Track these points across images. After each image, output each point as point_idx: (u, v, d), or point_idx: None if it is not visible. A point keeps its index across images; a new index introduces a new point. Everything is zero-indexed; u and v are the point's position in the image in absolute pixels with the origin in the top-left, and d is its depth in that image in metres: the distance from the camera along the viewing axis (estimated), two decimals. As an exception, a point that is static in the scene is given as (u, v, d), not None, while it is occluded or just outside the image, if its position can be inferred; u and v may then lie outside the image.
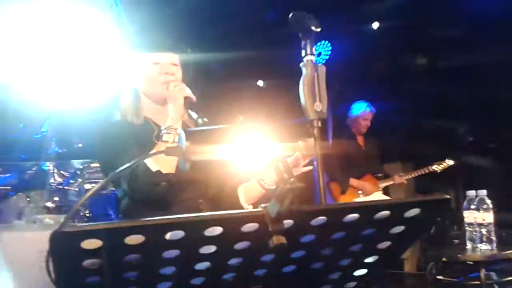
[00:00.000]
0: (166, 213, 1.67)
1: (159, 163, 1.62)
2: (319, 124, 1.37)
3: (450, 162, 4.80)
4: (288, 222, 0.84)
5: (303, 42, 1.46)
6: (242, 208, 1.80)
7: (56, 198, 4.06)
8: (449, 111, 5.86)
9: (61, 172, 4.91)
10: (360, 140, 4.80)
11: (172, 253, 0.82)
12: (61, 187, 4.54)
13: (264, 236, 0.85)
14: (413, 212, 0.91)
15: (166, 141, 1.62)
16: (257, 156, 0.80)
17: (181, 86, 1.74)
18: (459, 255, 2.70)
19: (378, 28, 5.96)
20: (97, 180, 4.89)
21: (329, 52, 6.12)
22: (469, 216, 2.74)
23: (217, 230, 0.81)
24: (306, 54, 1.45)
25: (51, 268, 0.76)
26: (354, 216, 0.88)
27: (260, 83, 6.35)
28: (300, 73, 1.43)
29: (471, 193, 2.79)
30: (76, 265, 0.77)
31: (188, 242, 0.80)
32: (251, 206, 1.83)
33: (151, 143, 1.67)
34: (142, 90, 1.84)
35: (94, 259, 0.77)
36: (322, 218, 0.86)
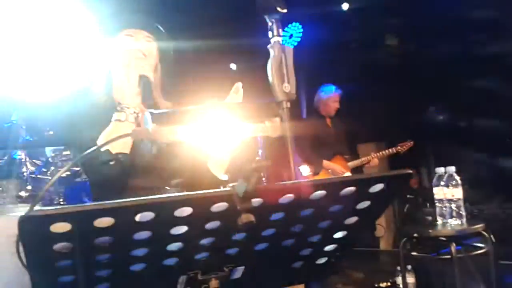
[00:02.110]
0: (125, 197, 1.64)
1: (110, 144, 1.52)
2: (288, 105, 1.39)
3: (410, 143, 4.94)
4: (256, 201, 0.86)
5: (269, 24, 1.46)
6: (221, 181, 1.79)
7: (29, 187, 4.02)
8: (419, 90, 5.95)
9: (33, 160, 4.84)
10: (329, 122, 4.88)
11: (143, 234, 0.83)
12: (33, 176, 4.49)
13: (233, 215, 0.87)
14: (378, 187, 0.94)
15: (118, 120, 1.59)
16: (225, 136, 0.82)
17: (139, 62, 1.69)
18: (430, 231, 2.78)
19: (348, 9, 5.98)
20: (70, 168, 4.83)
21: (301, 34, 6.13)
22: (439, 192, 2.82)
23: (187, 210, 0.82)
24: (273, 36, 1.46)
25: (22, 253, 0.76)
26: (320, 193, 0.90)
27: (233, 66, 6.33)
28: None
29: (440, 169, 2.86)
30: (47, 249, 0.77)
31: (158, 223, 0.81)
32: (227, 176, 1.82)
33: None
34: (114, 66, 1.78)
35: (65, 243, 0.78)
36: (289, 196, 0.88)
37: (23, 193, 3.90)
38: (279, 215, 0.92)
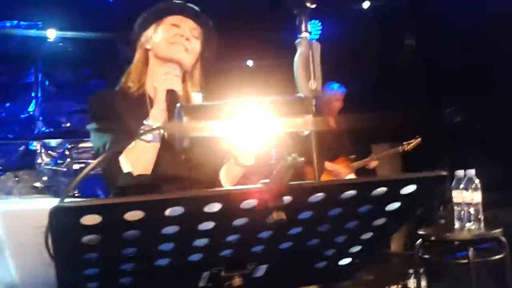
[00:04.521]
0: None
1: (132, 162, 1.54)
2: (313, 102, 1.37)
3: (418, 140, 4.81)
4: (286, 199, 0.84)
5: (297, 19, 1.44)
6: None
7: (44, 178, 4.05)
8: (437, 92, 5.89)
9: (49, 152, 4.88)
10: (332, 121, 4.77)
11: (171, 229, 0.82)
12: (49, 167, 4.53)
13: (262, 212, 0.86)
14: (410, 188, 0.92)
15: (144, 140, 1.56)
16: (258, 131, 0.80)
17: (169, 76, 1.62)
18: (448, 234, 2.74)
19: (369, 7, 5.93)
20: (85, 161, 4.87)
21: (319, 32, 6.09)
22: (457, 195, 2.78)
23: (217, 206, 0.81)
24: (300, 31, 1.43)
25: (50, 244, 0.75)
26: (351, 192, 0.88)
27: (250, 63, 6.31)
28: (291, 52, 1.42)
29: (460, 172, 2.82)
30: (75, 241, 0.76)
31: (187, 218, 0.80)
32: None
33: (142, 121, 1.59)
34: (152, 51, 1.75)
35: (93, 235, 0.77)
36: (320, 195, 0.87)
37: (38, 184, 3.93)
38: (307, 214, 0.91)
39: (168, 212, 0.78)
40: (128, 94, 1.73)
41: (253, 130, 0.79)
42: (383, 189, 0.90)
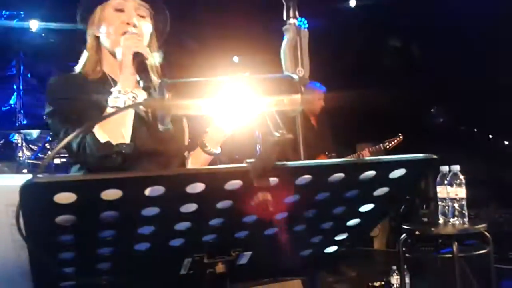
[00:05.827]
0: None
1: (109, 132, 1.47)
2: (303, 84, 1.34)
3: (399, 138, 4.82)
4: (272, 180, 0.81)
5: (285, 5, 1.41)
6: None
7: (24, 171, 3.97)
8: (422, 91, 5.92)
9: (29, 145, 4.79)
10: (314, 120, 4.75)
11: (152, 210, 0.78)
12: (30, 160, 4.44)
13: (248, 195, 0.82)
14: (399, 172, 0.90)
15: (116, 107, 1.47)
16: (243, 109, 0.77)
17: (133, 39, 1.54)
18: (432, 229, 2.74)
19: (356, 6, 5.94)
20: (66, 155, 4.77)
21: (306, 29, 6.08)
22: (442, 190, 2.78)
23: (199, 186, 0.77)
24: (288, 17, 1.40)
25: (22, 224, 0.71)
26: (339, 175, 0.85)
27: (236, 59, 6.28)
28: (276, 46, 1.39)
29: (445, 168, 2.82)
30: (48, 221, 0.72)
31: (168, 199, 0.77)
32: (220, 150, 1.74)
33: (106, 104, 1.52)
34: (102, 41, 1.69)
35: (68, 215, 0.73)
36: (307, 177, 0.83)
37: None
38: (294, 197, 0.88)
39: (148, 191, 0.74)
40: (87, 78, 1.68)
41: (239, 108, 0.75)
42: (371, 173, 0.87)
